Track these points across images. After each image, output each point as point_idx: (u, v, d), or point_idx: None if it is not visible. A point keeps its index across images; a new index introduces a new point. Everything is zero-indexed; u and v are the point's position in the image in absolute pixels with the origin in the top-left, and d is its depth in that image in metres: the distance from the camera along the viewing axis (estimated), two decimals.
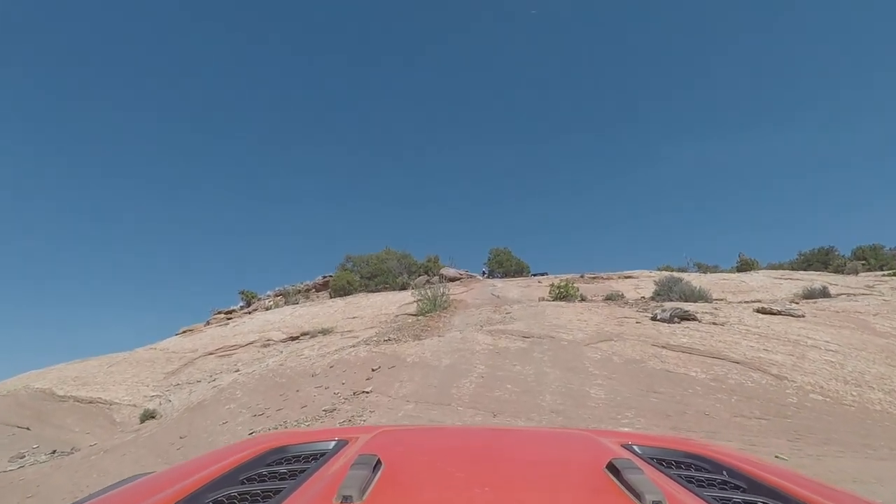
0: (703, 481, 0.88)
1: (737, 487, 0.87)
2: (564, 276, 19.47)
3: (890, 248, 29.84)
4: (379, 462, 0.73)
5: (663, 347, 6.60)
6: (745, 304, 10.02)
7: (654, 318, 8.14)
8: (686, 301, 12.44)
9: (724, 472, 0.93)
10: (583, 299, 14.24)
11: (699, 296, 12.43)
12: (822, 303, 10.77)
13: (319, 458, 0.95)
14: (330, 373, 7.82)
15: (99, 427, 11.71)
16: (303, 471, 0.86)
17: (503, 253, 28.68)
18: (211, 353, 16.86)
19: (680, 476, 0.87)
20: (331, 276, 26.44)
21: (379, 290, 24.07)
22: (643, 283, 17.54)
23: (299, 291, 28.89)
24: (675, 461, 1.01)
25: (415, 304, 15.83)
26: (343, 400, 6.26)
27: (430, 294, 15.87)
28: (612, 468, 0.73)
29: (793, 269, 25.87)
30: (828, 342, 7.22)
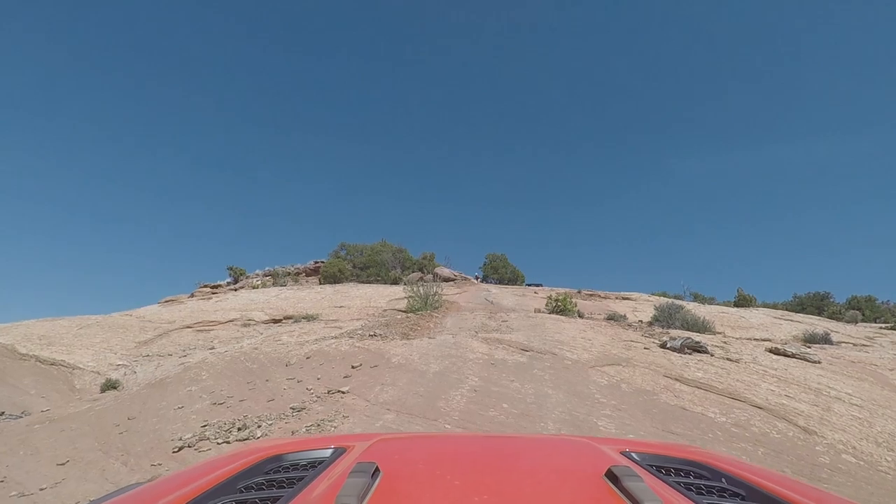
0: (702, 488, 0.86)
1: (735, 494, 0.85)
2: (561, 290, 18.78)
3: (883, 301, 29.47)
4: (377, 470, 0.72)
5: (676, 380, 5.87)
6: (755, 342, 9.34)
7: (663, 346, 7.42)
8: (689, 330, 11.77)
9: (723, 479, 0.91)
10: (580, 315, 13.53)
11: (702, 326, 11.76)
12: (832, 350, 10.12)
13: (317, 465, 0.93)
14: (306, 364, 7.03)
15: (56, 392, 10.82)
16: (301, 479, 0.85)
17: (499, 259, 27.98)
18: (188, 327, 16.03)
19: (679, 483, 0.86)
20: (322, 262, 25.59)
21: (370, 282, 23.28)
22: (641, 306, 16.87)
23: (289, 274, 28.05)
24: (673, 468, 0.99)
25: (405, 300, 15.08)
26: (315, 398, 5.48)
27: (422, 292, 15.15)
28: (611, 475, 0.72)
29: (787, 309, 25.40)
30: (850, 395, 6.54)
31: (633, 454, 1.04)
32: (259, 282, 26.91)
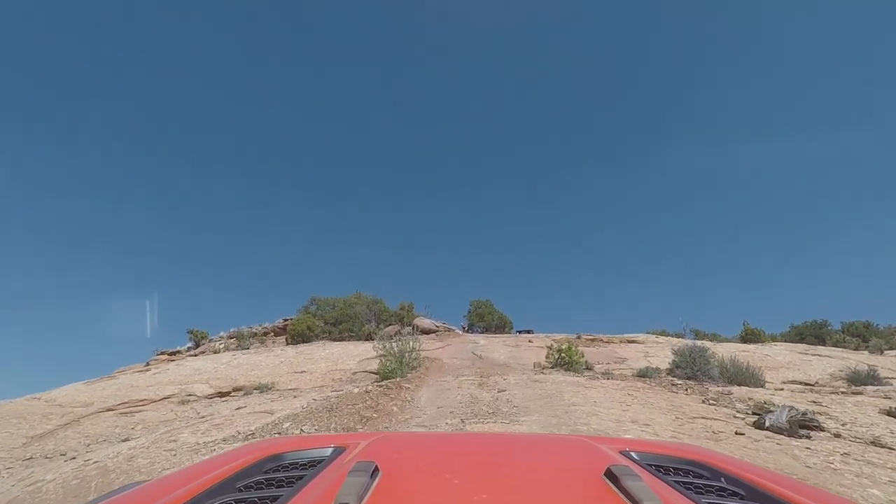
0: (701, 487, 0.82)
1: (735, 494, 0.81)
2: (557, 336, 15.76)
3: (879, 325, 27.23)
4: (377, 469, 0.68)
5: None
6: (850, 398, 6.43)
7: (759, 426, 4.45)
8: (731, 383, 8.83)
9: (722, 479, 0.86)
10: (589, 368, 10.51)
11: (750, 375, 8.84)
12: None
13: (317, 465, 0.89)
14: None
15: None
16: (300, 478, 0.81)
17: (484, 305, 24.96)
18: (110, 410, 12.33)
19: (678, 482, 0.82)
20: (291, 320, 22.15)
21: (343, 339, 19.91)
22: (652, 349, 13.93)
23: (255, 334, 24.42)
24: (673, 467, 0.93)
25: (378, 360, 11.92)
26: None
27: (396, 349, 12.02)
28: (611, 475, 0.68)
29: (786, 340, 22.90)
30: None
31: (633, 453, 0.97)
32: (222, 345, 23.24)
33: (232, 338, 24.76)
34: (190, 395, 13.26)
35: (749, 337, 19.55)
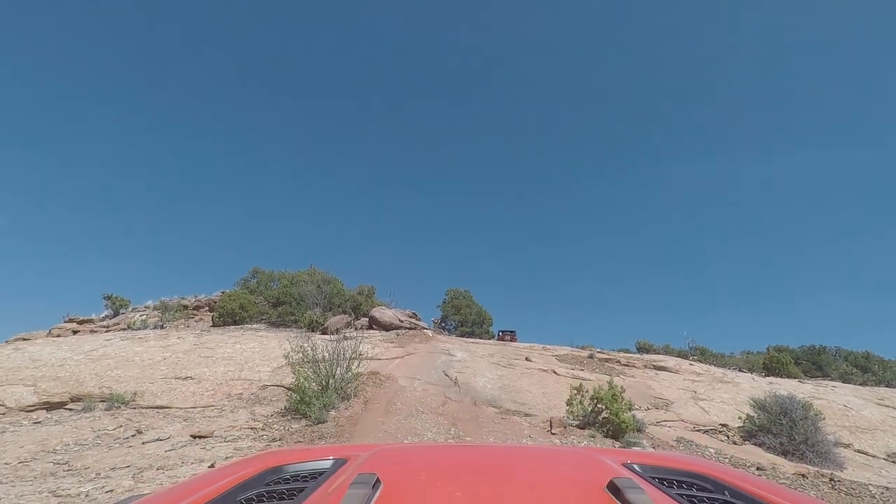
0: (705, 501, 0.76)
1: None
2: (560, 351, 11.06)
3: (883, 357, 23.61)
4: (378, 481, 0.64)
5: None
6: None
7: None
8: None
9: (726, 492, 0.79)
10: (639, 430, 5.80)
11: None
12: None
13: (318, 477, 0.83)
14: None
15: None
16: (301, 490, 0.76)
17: (462, 296, 20.11)
18: None
19: (681, 496, 0.76)
20: (223, 294, 16.79)
21: (284, 324, 14.84)
22: (699, 387, 9.34)
23: (185, 307, 18.92)
24: (676, 480, 0.86)
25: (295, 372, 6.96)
26: None
27: (325, 357, 7.15)
28: (613, 487, 0.64)
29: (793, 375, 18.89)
30: None
31: (635, 466, 0.90)
32: (142, 317, 17.70)
33: (157, 309, 19.25)
34: None
35: (774, 366, 15.29)
